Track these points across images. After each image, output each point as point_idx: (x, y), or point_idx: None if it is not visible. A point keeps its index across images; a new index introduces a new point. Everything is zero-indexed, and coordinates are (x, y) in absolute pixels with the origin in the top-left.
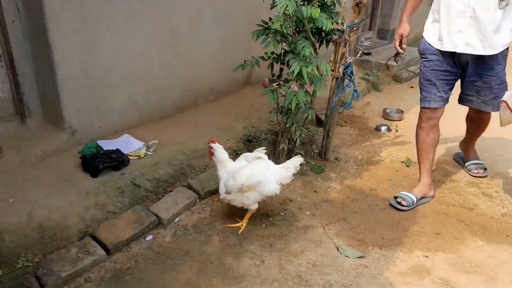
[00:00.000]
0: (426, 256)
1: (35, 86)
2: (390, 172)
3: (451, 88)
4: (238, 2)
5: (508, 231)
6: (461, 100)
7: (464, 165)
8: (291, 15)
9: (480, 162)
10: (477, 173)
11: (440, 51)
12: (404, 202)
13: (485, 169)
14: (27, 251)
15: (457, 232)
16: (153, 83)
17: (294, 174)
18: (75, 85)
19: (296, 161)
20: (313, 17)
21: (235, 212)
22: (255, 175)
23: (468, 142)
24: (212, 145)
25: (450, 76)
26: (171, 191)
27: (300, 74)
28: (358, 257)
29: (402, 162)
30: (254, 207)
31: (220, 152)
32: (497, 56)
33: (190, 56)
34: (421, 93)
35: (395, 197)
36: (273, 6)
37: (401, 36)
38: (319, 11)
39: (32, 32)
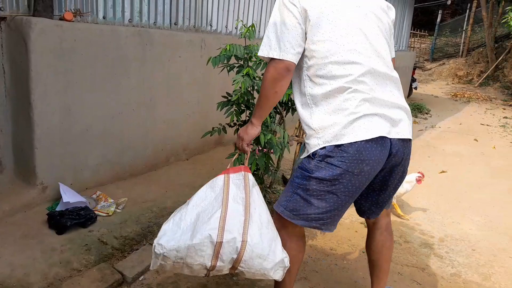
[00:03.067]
0: None
1: (11, 142)
2: (350, 232)
3: None
4: (213, 70)
5: None
6: None
7: None
8: (244, 91)
9: None
10: None
11: None
12: None
13: None
14: None
15: None
16: (128, 141)
17: None
18: (51, 143)
19: None
20: None
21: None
22: None
23: None
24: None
25: None
26: (137, 249)
27: (258, 140)
28: None
29: (361, 223)
30: None
31: None
32: None
33: (166, 116)
34: None
35: None
36: (233, 82)
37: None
38: None
39: (15, 92)
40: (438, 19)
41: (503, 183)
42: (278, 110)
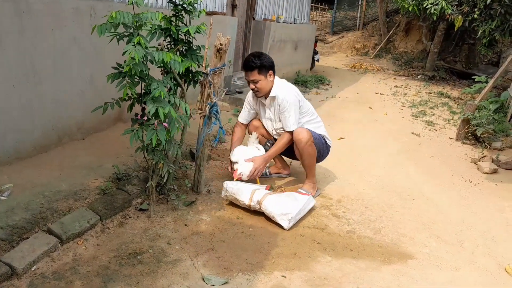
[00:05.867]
0: (284, 276)
1: None
2: None
3: None
4: (107, 41)
5: (351, 246)
6: None
7: None
8: (137, 61)
9: None
10: None
11: None
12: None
13: None
14: None
15: (310, 251)
16: (11, 122)
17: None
18: None
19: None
20: (165, 61)
21: (100, 255)
22: None
23: None
24: None
25: None
26: (27, 238)
27: (157, 114)
28: (223, 284)
29: None
30: None
31: None
32: None
33: (55, 93)
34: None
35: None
36: (124, 52)
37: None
38: (171, 55)
39: None
40: None
41: (392, 145)
42: (177, 82)
